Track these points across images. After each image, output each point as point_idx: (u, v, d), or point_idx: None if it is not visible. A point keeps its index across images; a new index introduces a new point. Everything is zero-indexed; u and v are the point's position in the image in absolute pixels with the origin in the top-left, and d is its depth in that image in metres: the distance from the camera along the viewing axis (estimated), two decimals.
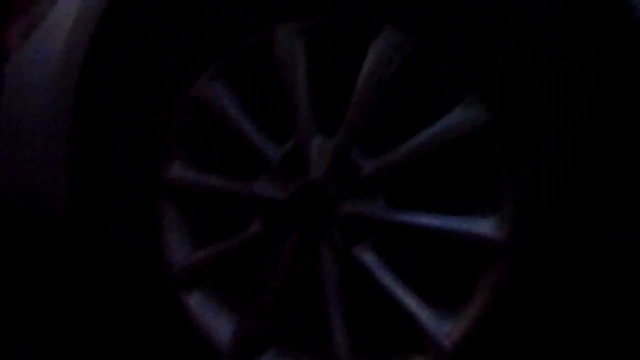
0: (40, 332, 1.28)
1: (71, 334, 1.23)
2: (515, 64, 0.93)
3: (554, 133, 0.91)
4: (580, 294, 0.92)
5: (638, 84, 0.88)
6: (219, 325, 1.13)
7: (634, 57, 0.88)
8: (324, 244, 1.03)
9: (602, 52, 0.89)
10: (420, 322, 1.00)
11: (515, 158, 0.94)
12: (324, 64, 1.07)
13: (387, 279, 1.01)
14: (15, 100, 1.23)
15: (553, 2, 0.90)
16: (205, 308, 1.14)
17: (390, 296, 1.00)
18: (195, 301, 1.14)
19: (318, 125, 1.06)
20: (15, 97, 1.23)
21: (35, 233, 1.23)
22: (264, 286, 1.07)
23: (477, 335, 0.98)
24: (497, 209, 0.97)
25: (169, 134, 1.14)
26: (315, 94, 1.05)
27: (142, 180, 1.16)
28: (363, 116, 1.00)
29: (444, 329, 1.00)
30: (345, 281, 1.04)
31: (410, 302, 1.00)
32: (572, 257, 0.92)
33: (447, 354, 0.99)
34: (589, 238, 0.91)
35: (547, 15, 0.91)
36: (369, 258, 1.02)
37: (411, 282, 1.03)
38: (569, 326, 0.93)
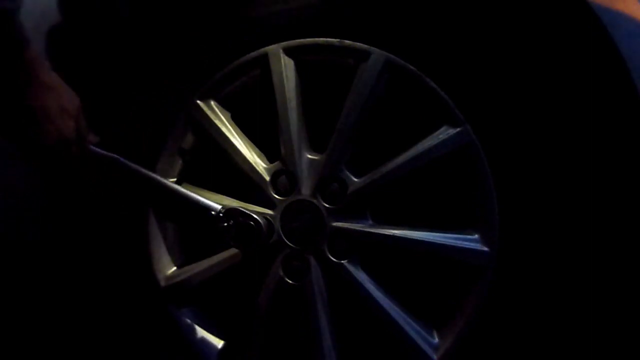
0: (40, 332, 1.27)
1: (71, 334, 1.23)
2: (501, 85, 0.94)
3: (538, 151, 0.93)
4: (565, 304, 0.94)
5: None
6: (209, 341, 1.13)
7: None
8: (314, 258, 1.04)
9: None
10: (408, 336, 1.01)
11: (500, 175, 0.96)
12: (314, 83, 1.07)
13: (376, 294, 1.02)
14: None
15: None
16: (194, 323, 1.14)
17: (379, 310, 1.01)
18: (184, 316, 1.15)
19: (307, 143, 1.07)
20: None
21: None
22: (252, 302, 1.08)
23: (466, 348, 0.99)
24: (483, 224, 0.98)
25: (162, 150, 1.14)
26: (304, 112, 1.06)
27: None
28: (351, 135, 1.01)
29: (433, 343, 1.02)
30: (334, 295, 1.05)
31: (399, 316, 1.01)
32: (556, 270, 0.94)
33: None
34: (573, 251, 0.92)
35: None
36: (357, 272, 1.03)
37: (399, 296, 1.04)
38: (554, 337, 0.95)
